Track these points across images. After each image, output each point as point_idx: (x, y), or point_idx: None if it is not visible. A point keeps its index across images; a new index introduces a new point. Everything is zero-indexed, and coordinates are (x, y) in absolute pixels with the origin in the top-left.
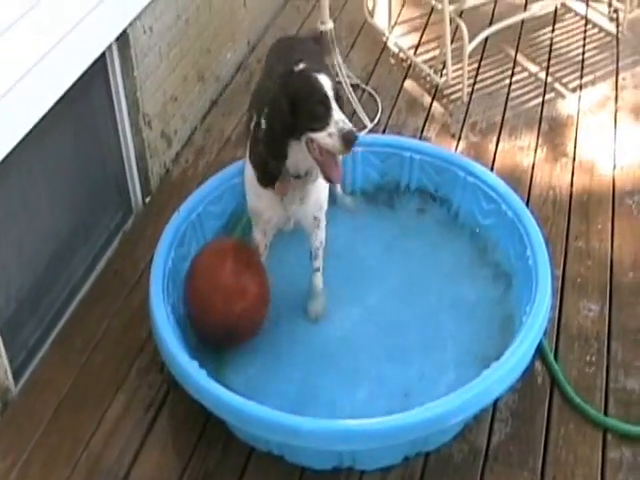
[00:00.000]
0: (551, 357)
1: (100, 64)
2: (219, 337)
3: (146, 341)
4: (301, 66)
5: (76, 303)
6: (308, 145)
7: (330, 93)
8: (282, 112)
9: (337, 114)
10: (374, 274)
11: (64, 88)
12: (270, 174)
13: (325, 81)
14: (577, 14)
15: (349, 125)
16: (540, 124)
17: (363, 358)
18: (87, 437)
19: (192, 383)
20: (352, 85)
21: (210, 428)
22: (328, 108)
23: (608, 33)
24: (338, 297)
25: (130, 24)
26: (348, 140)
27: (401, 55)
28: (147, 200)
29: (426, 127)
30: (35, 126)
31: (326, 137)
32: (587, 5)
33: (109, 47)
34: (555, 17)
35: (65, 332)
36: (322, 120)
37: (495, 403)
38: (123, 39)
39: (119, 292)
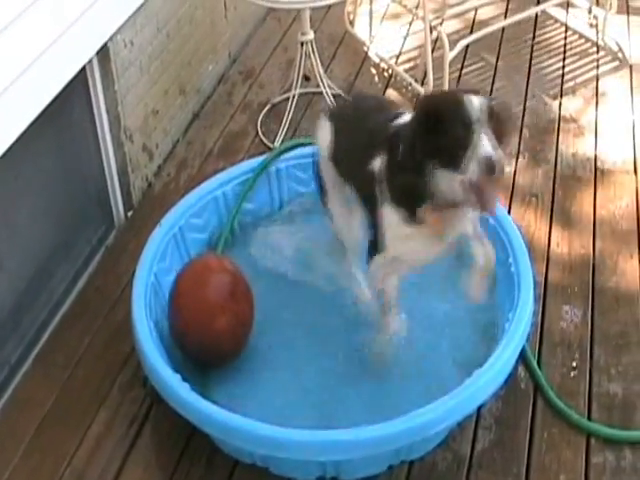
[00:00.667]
0: (534, 363)
1: (80, 78)
2: (204, 355)
3: (129, 356)
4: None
5: (58, 319)
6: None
7: (475, 113)
8: (421, 129)
9: (481, 138)
10: None
11: (44, 103)
12: (418, 202)
13: (473, 100)
14: (557, 21)
15: (491, 152)
16: (521, 131)
17: (344, 366)
18: (70, 454)
19: (175, 397)
20: (334, 95)
21: (194, 442)
22: (470, 129)
23: (588, 39)
24: (323, 308)
25: (110, 38)
26: (487, 168)
27: (382, 65)
28: (129, 214)
29: None
30: (15, 141)
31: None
32: (567, 12)
33: (89, 61)
34: (535, 24)
35: (47, 349)
36: (462, 144)
37: (478, 410)
38: (103, 53)
39: (101, 307)
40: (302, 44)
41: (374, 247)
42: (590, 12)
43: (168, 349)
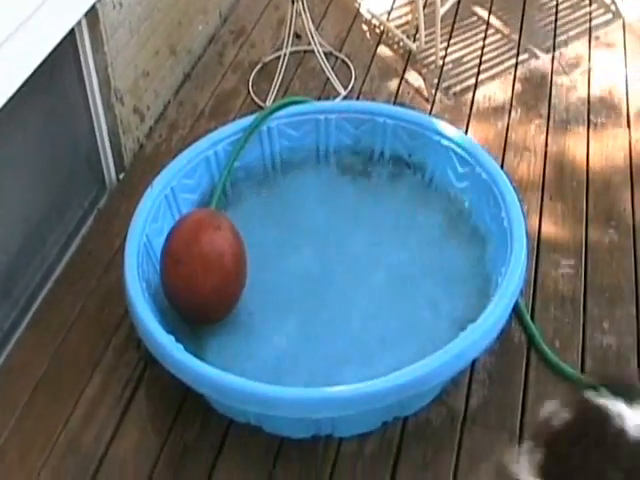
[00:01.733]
0: (527, 317)
1: (69, 41)
2: (196, 312)
3: (122, 319)
4: None
5: (51, 284)
6: None
7: None
8: None
9: None
10: (349, 242)
11: (33, 66)
12: None
13: None
14: None
15: None
16: (514, 85)
17: (339, 326)
18: (64, 418)
19: (169, 358)
20: (325, 53)
21: (188, 403)
22: None
23: None
24: (316, 266)
25: None
26: None
27: (374, 21)
28: (121, 177)
29: (400, 92)
30: (4, 105)
31: None
32: None
33: (78, 23)
34: None
35: (40, 314)
36: None
37: (472, 365)
38: (92, 15)
39: (94, 271)
40: (293, 2)
41: None
42: None
43: (161, 310)
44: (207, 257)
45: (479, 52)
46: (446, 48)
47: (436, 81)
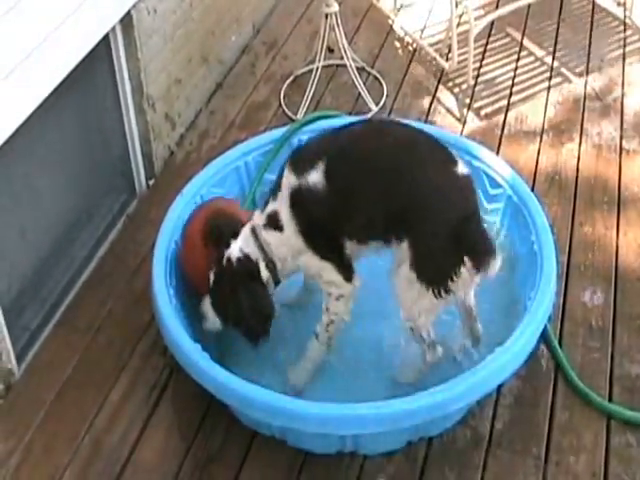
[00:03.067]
0: (555, 343)
1: (104, 46)
2: None
3: (149, 324)
4: None
5: (79, 286)
6: None
7: None
8: None
9: None
10: (374, 262)
11: (67, 70)
12: None
13: None
14: None
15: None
16: (546, 109)
17: (364, 345)
18: (90, 419)
19: (194, 366)
20: (357, 68)
21: (213, 410)
22: None
23: (615, 18)
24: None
25: (134, 5)
26: None
27: (407, 39)
28: (151, 183)
29: (431, 111)
30: (38, 108)
31: None
32: None
33: (113, 29)
34: (562, 1)
35: (68, 315)
36: None
37: (499, 388)
38: (127, 20)
39: (122, 275)
40: (326, 16)
41: None
42: None
43: (188, 318)
44: None
45: (512, 74)
46: (479, 68)
47: (468, 101)
